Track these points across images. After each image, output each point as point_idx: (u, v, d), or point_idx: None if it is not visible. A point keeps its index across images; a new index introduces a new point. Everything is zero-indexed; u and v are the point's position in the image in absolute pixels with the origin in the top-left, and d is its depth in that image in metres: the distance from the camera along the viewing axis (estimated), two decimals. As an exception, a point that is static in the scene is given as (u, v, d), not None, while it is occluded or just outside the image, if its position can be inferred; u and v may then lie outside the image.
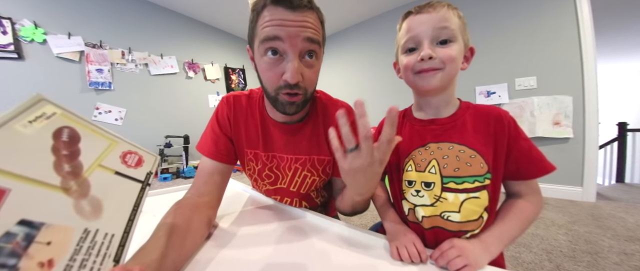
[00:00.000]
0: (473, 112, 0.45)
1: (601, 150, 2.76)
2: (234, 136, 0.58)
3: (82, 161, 0.21)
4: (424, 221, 0.43)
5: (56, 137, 0.19)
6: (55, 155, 0.19)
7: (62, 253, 0.18)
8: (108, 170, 0.23)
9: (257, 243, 0.45)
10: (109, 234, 0.21)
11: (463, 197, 0.41)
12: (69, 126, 0.20)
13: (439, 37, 0.42)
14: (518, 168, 0.43)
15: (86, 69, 2.52)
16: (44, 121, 0.19)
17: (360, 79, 3.46)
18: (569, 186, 1.99)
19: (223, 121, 0.58)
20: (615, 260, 1.09)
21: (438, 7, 0.43)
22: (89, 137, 0.22)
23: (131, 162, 0.26)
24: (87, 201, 0.20)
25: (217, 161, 0.55)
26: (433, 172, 0.43)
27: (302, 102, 0.49)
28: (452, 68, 0.42)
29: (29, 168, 0.17)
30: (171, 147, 2.89)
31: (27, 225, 0.16)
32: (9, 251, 0.15)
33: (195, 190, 0.52)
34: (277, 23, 0.42)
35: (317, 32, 0.45)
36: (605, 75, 5.21)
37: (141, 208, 0.25)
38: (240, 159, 0.61)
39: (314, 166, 0.58)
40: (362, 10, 3.17)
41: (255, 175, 0.63)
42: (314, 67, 0.47)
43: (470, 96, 2.42)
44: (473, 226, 0.41)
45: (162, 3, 3.06)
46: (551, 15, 2.04)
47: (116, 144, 0.25)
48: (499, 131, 0.42)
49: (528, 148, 0.42)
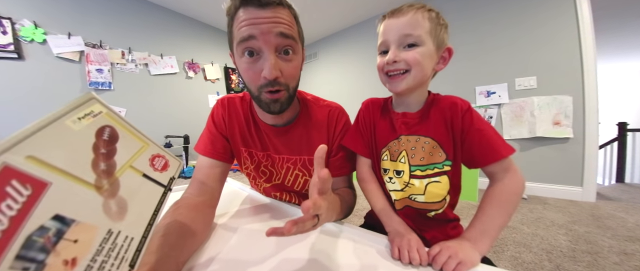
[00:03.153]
0: (436, 105, 0.49)
1: (601, 150, 2.76)
2: (230, 135, 0.59)
3: (116, 161, 0.21)
4: (396, 203, 0.51)
5: (98, 135, 0.20)
6: (95, 153, 0.19)
7: (86, 253, 0.18)
8: (137, 172, 0.24)
9: (257, 242, 0.45)
10: (129, 237, 0.21)
11: (426, 182, 0.48)
12: (110, 125, 0.21)
13: (404, 42, 0.45)
14: (472, 156, 0.45)
15: (86, 69, 2.52)
16: (91, 119, 0.20)
17: (360, 79, 3.46)
18: (569, 186, 1.99)
19: (219, 121, 0.59)
20: (615, 260, 1.09)
21: (407, 11, 0.45)
22: (125, 138, 0.23)
23: (158, 165, 0.26)
24: (115, 201, 0.21)
25: (214, 159, 0.56)
26: (403, 162, 0.49)
27: (286, 99, 0.49)
28: (418, 71, 0.45)
29: (71, 163, 0.17)
30: (171, 147, 2.89)
31: (59, 221, 0.16)
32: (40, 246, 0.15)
33: (193, 189, 0.52)
34: (250, 22, 0.42)
35: (291, 27, 0.45)
36: (605, 75, 5.21)
37: (161, 213, 0.25)
38: (237, 157, 0.62)
39: (304, 166, 0.60)
40: (361, 11, 3.17)
41: (253, 173, 0.64)
42: (293, 62, 0.47)
43: (470, 96, 2.43)
44: (437, 207, 0.49)
45: (162, 3, 3.06)
46: (551, 15, 2.04)
47: (148, 147, 0.25)
48: (453, 120, 0.46)
49: (480, 135, 0.44)
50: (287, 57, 0.46)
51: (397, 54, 0.45)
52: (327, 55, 3.97)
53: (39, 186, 0.15)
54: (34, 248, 0.15)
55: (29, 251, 0.14)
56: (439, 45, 0.46)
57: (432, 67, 0.47)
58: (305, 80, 4.19)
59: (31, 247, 0.14)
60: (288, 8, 0.46)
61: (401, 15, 0.45)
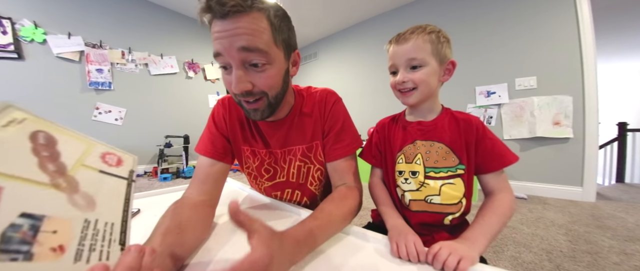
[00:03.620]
0: (450, 117, 0.56)
1: (601, 150, 2.76)
2: (231, 135, 0.59)
3: (65, 161, 0.22)
4: (411, 204, 0.54)
5: (33, 139, 0.20)
6: (38, 156, 0.20)
7: (70, 239, 0.19)
8: (92, 169, 0.25)
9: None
10: (109, 223, 0.23)
11: (441, 183, 0.52)
12: (42, 130, 0.21)
13: (410, 65, 0.52)
14: (484, 161, 0.52)
15: (86, 69, 2.52)
16: (17, 125, 0.20)
17: (360, 78, 3.46)
18: (569, 186, 1.99)
19: (219, 121, 0.59)
20: (615, 260, 1.09)
21: (410, 38, 0.51)
22: (65, 140, 0.23)
23: (111, 161, 0.27)
24: (79, 196, 0.22)
25: (214, 159, 0.55)
26: (418, 163, 0.54)
27: (266, 107, 0.48)
28: (425, 87, 0.52)
29: (16, 168, 0.18)
30: (171, 147, 2.89)
31: (29, 217, 0.17)
32: (18, 239, 0.16)
33: (193, 189, 0.52)
34: (215, 36, 0.41)
35: (255, 37, 0.41)
36: (605, 75, 5.21)
37: (132, 201, 0.27)
38: (238, 157, 0.62)
39: (304, 154, 0.60)
40: (362, 11, 3.17)
41: (255, 172, 0.64)
42: (266, 72, 0.44)
43: (471, 96, 2.43)
44: (453, 209, 0.52)
45: (162, 3, 3.06)
46: (551, 15, 2.04)
47: (93, 146, 0.26)
48: (467, 132, 0.52)
49: (491, 146, 0.51)
50: (258, 69, 0.43)
51: (405, 75, 0.52)
52: (327, 55, 3.97)
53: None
54: (13, 242, 0.16)
55: (9, 244, 0.16)
56: (441, 60, 0.52)
57: (438, 80, 0.53)
58: (305, 80, 4.19)
59: (10, 241, 0.16)
60: (259, 11, 0.41)
61: (405, 43, 0.51)
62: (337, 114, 0.59)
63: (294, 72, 0.55)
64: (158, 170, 2.71)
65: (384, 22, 3.21)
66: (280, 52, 0.46)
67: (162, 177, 2.66)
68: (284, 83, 0.49)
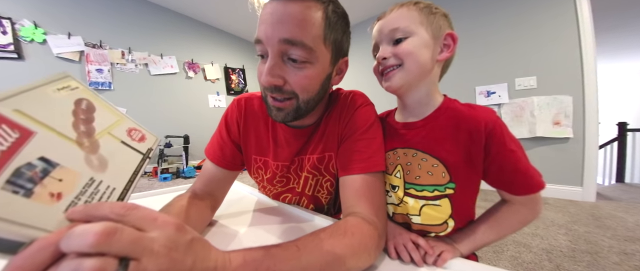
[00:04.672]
0: (451, 115, 0.42)
1: (601, 150, 2.76)
2: (243, 142, 0.55)
3: (95, 126, 0.25)
4: (395, 216, 0.47)
5: (77, 104, 0.24)
6: (75, 117, 0.23)
7: (70, 191, 0.21)
8: (115, 138, 0.28)
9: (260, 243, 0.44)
10: (111, 187, 0.24)
11: (422, 203, 0.42)
12: (87, 98, 0.26)
13: (393, 37, 0.42)
14: (501, 180, 0.40)
15: (86, 69, 2.52)
16: (69, 91, 0.24)
17: (361, 78, 3.46)
18: (569, 186, 1.99)
19: (232, 126, 0.54)
20: (615, 260, 1.09)
21: (394, 10, 0.43)
22: (102, 111, 0.27)
23: (135, 137, 0.30)
24: (96, 157, 0.24)
25: (220, 167, 0.52)
26: (398, 177, 0.44)
27: (293, 110, 0.42)
28: (412, 63, 0.41)
29: (53, 120, 0.21)
30: (171, 147, 2.89)
31: (45, 162, 0.19)
32: (28, 177, 0.18)
33: (197, 188, 0.52)
34: (262, 19, 0.37)
35: (302, 28, 0.36)
36: (605, 75, 5.20)
37: (140, 174, 0.29)
38: (247, 165, 0.58)
39: (314, 166, 0.53)
40: (362, 11, 3.17)
41: (264, 182, 0.60)
42: (304, 71, 0.39)
43: (470, 96, 2.43)
44: (437, 229, 0.43)
45: (162, 3, 3.06)
46: (551, 15, 2.04)
47: (124, 120, 0.30)
48: (472, 140, 0.39)
49: (515, 159, 0.38)
50: (296, 64, 0.38)
51: (387, 49, 0.42)
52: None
53: (25, 133, 0.19)
54: (23, 178, 0.18)
55: (18, 179, 0.17)
56: (435, 33, 0.41)
57: (432, 57, 0.42)
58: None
59: (20, 176, 0.18)
60: (318, 2, 0.37)
61: (387, 14, 0.44)
62: (358, 120, 0.47)
63: (337, 81, 0.48)
64: (158, 170, 2.71)
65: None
66: (327, 54, 0.41)
67: (162, 177, 2.66)
68: (321, 90, 0.43)
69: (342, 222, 0.36)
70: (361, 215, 0.38)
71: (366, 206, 0.40)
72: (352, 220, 0.37)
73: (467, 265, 0.36)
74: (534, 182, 0.38)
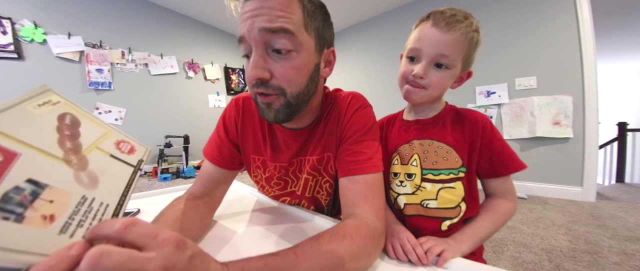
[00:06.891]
0: (454, 114, 0.51)
1: (601, 150, 2.76)
2: (240, 142, 0.54)
3: (82, 142, 0.25)
4: (406, 208, 0.49)
5: (60, 119, 0.23)
6: (59, 134, 0.22)
7: (62, 211, 0.20)
8: (104, 152, 0.27)
9: (259, 243, 0.44)
10: (105, 204, 0.24)
11: (439, 186, 0.47)
12: (70, 113, 0.25)
13: (437, 61, 0.44)
14: (492, 165, 0.48)
15: (86, 69, 2.52)
16: (51, 106, 0.23)
17: (361, 78, 3.46)
18: (569, 186, 1.99)
19: (230, 126, 0.54)
20: (615, 260, 1.09)
21: (455, 27, 0.42)
22: (87, 124, 0.26)
23: (124, 149, 0.29)
24: (85, 173, 0.23)
25: (219, 167, 0.52)
26: (415, 165, 0.49)
27: (282, 107, 0.40)
28: (435, 91, 0.47)
29: (37, 139, 0.20)
30: (171, 147, 2.89)
31: (33, 184, 0.19)
32: (17, 201, 0.17)
33: (196, 188, 0.52)
34: (240, 19, 0.37)
35: (280, 16, 0.35)
36: (605, 75, 5.21)
37: (133, 188, 0.28)
38: (246, 165, 0.58)
39: (314, 168, 0.53)
40: (363, 10, 3.17)
41: (263, 182, 0.60)
42: (289, 62, 0.37)
43: (470, 96, 2.43)
44: (451, 214, 0.47)
45: (162, 3, 3.06)
46: (551, 15, 2.04)
47: (111, 133, 0.29)
48: (473, 132, 0.47)
49: (501, 150, 0.47)
50: (281, 56, 0.37)
51: (426, 70, 0.45)
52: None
53: (9, 155, 0.18)
54: (12, 203, 0.17)
55: (6, 204, 0.17)
56: (464, 68, 0.47)
57: (451, 82, 0.48)
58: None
59: (9, 201, 0.17)
60: None
61: (447, 31, 0.42)
62: (358, 121, 0.48)
63: (327, 73, 0.46)
64: (158, 170, 2.71)
65: (385, 21, 3.21)
66: (311, 41, 0.39)
67: (162, 177, 2.65)
68: (310, 82, 0.41)
69: (340, 225, 0.36)
70: (360, 217, 0.39)
71: (366, 208, 0.40)
72: (351, 222, 0.37)
73: (468, 265, 0.36)
74: (518, 162, 0.47)
